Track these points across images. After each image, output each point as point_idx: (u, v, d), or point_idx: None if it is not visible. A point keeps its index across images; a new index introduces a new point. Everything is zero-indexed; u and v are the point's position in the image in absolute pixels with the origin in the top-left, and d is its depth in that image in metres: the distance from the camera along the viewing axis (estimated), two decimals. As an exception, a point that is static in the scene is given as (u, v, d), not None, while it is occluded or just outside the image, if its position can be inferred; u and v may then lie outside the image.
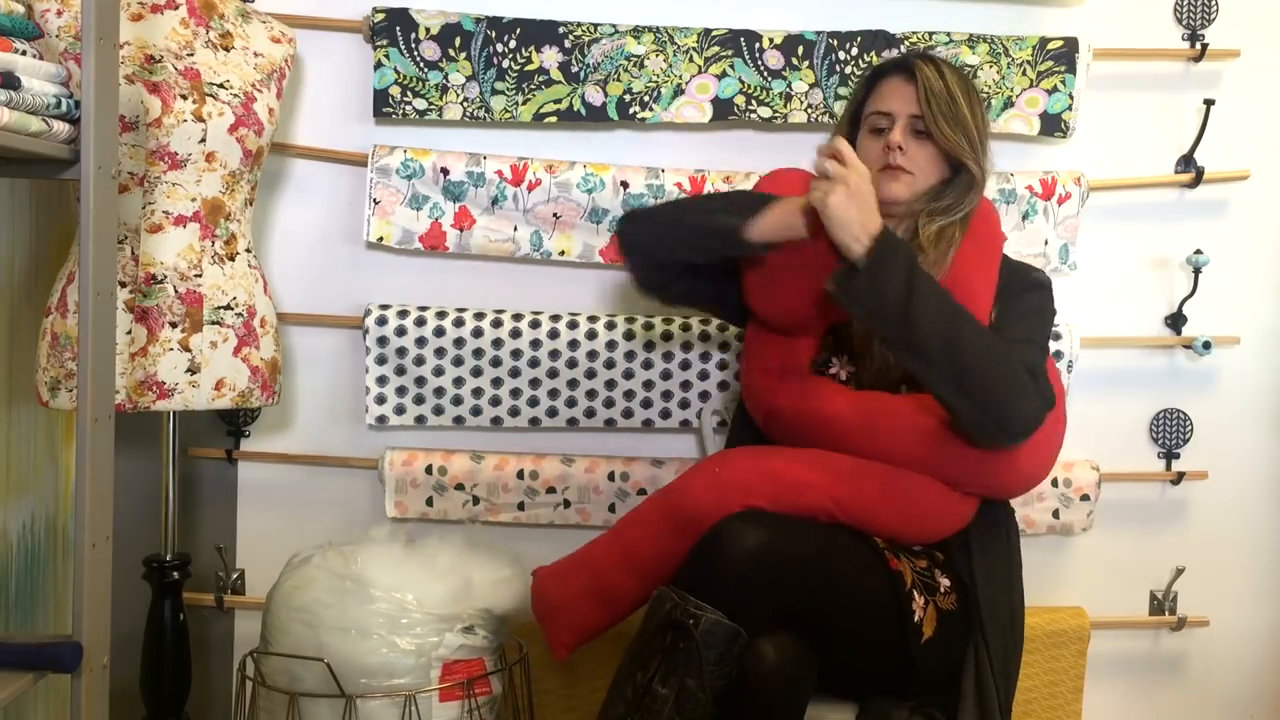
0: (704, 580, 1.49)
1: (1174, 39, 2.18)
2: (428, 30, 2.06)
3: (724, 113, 2.09)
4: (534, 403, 2.11)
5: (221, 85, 1.80)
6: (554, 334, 2.07)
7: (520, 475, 2.10)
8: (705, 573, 1.50)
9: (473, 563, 1.81)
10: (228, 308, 1.81)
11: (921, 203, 1.71)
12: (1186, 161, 2.18)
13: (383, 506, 2.11)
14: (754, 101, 2.09)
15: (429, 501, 2.11)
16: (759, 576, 1.48)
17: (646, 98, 2.09)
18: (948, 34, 2.10)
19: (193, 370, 1.77)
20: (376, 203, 2.07)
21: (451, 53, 2.06)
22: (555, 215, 2.09)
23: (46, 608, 1.97)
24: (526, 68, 2.07)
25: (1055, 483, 2.12)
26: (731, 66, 2.09)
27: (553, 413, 2.11)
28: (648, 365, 2.11)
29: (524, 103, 2.08)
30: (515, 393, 2.10)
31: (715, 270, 1.69)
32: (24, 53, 1.32)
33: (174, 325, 1.75)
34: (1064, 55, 2.09)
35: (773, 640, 1.47)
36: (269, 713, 1.75)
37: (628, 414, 2.12)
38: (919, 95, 1.68)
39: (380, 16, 2.05)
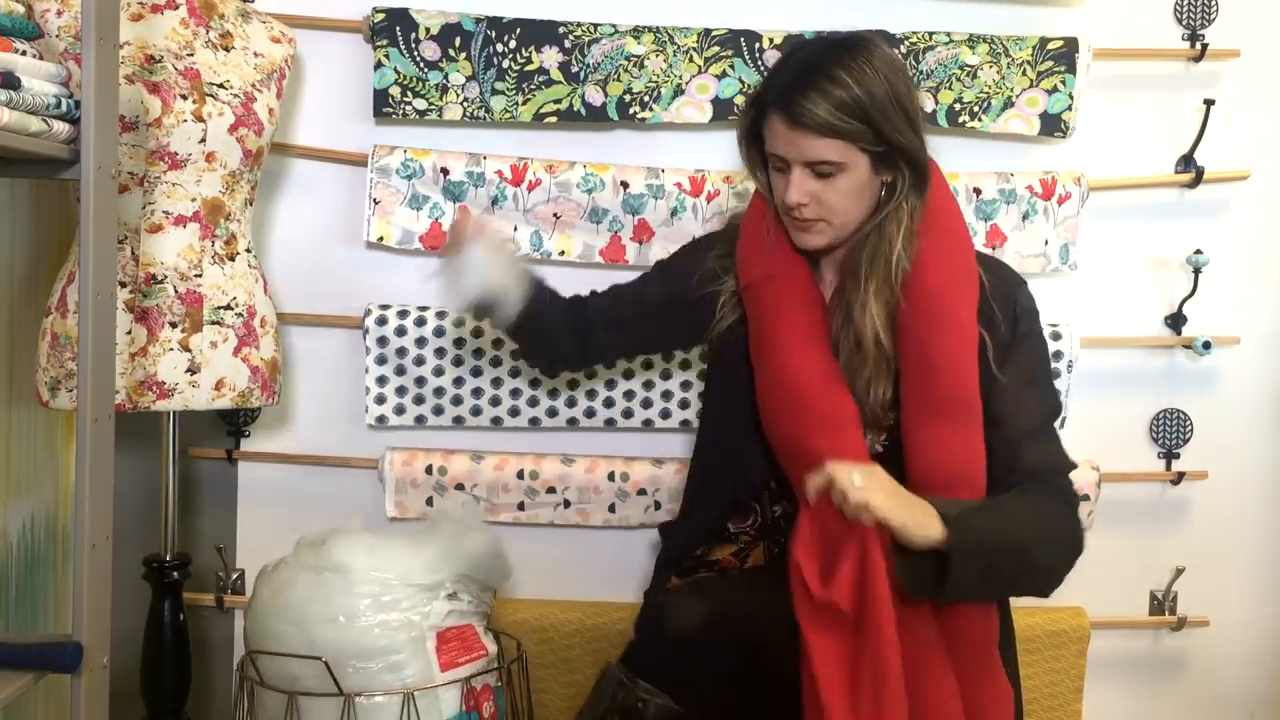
0: (651, 659, 1.54)
1: (1174, 39, 2.18)
2: (428, 30, 2.05)
3: (724, 112, 2.09)
4: (534, 403, 2.11)
5: (221, 85, 1.80)
6: (554, 334, 2.07)
7: (520, 475, 2.10)
8: (651, 651, 1.56)
9: (443, 530, 1.83)
10: (228, 308, 1.81)
11: (860, 228, 1.55)
12: (1186, 161, 2.18)
13: (383, 506, 2.11)
14: (754, 101, 2.09)
15: (429, 501, 2.11)
16: (705, 649, 1.51)
17: (646, 98, 2.08)
18: (948, 34, 2.09)
19: (193, 370, 1.77)
20: (376, 203, 2.07)
21: (451, 53, 2.06)
22: (555, 215, 2.09)
23: (46, 608, 1.97)
24: (526, 68, 2.07)
25: (1055, 483, 2.12)
26: (731, 66, 2.09)
27: (553, 413, 2.11)
28: (648, 365, 2.11)
29: (524, 103, 2.08)
30: (515, 393, 2.10)
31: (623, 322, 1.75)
32: (24, 53, 1.32)
33: (174, 325, 1.75)
34: (1064, 55, 2.09)
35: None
36: (269, 712, 1.75)
37: (628, 414, 2.12)
38: (805, 145, 1.48)
39: (380, 16, 2.05)
